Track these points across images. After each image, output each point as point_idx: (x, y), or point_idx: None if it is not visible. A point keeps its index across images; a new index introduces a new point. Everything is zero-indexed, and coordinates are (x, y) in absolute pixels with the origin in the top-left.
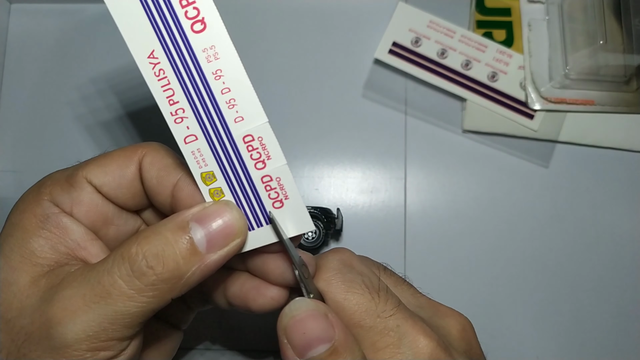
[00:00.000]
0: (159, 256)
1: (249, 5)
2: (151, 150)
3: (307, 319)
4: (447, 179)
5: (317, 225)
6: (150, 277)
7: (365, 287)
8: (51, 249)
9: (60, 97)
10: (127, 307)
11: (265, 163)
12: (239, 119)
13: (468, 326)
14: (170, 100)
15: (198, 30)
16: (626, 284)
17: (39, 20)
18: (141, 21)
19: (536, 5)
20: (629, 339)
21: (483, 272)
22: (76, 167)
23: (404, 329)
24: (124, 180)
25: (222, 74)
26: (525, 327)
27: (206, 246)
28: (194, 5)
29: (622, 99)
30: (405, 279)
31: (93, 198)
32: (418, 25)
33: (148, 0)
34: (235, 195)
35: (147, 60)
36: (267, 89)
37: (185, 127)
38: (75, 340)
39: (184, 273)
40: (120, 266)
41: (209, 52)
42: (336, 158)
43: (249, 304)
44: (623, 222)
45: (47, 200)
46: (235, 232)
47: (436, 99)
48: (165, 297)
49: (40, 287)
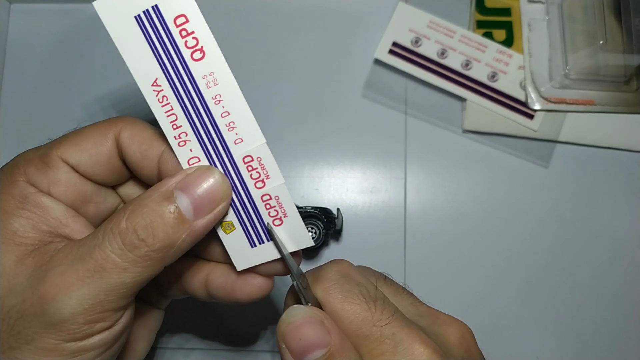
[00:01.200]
0: (149, 228)
1: (249, 5)
2: (127, 124)
3: (303, 325)
4: (447, 179)
5: (317, 225)
6: (143, 249)
7: (362, 296)
8: (33, 228)
9: (60, 97)
10: (122, 278)
11: (265, 182)
12: (239, 141)
13: (467, 333)
14: (173, 124)
15: (197, 58)
16: (626, 284)
17: (39, 20)
18: (145, 52)
19: (536, 5)
20: (629, 339)
21: (483, 272)
22: (49, 145)
23: (400, 336)
24: (101, 157)
25: (222, 98)
26: (525, 327)
27: (193, 213)
28: (193, 35)
29: (622, 99)
30: (405, 288)
31: (70, 177)
32: (418, 25)
33: (150, 33)
34: (237, 214)
35: (151, 88)
36: (267, 89)
37: (189, 150)
38: (71, 314)
39: (175, 241)
40: (111, 241)
41: (208, 78)
42: (336, 158)
43: (235, 294)
44: (623, 222)
45: (22, 181)
46: (221, 196)
47: (436, 99)
48: (158, 265)
49: (27, 266)
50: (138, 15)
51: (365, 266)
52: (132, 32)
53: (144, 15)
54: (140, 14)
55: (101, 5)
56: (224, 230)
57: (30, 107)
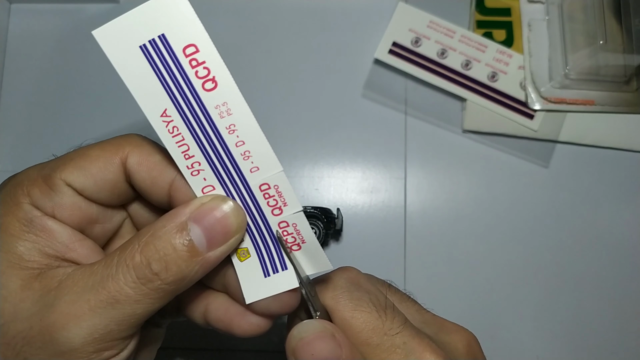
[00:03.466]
0: (162, 261)
1: (250, 5)
2: (134, 148)
3: (315, 340)
4: (447, 179)
5: (317, 225)
6: (156, 283)
7: (372, 305)
8: (39, 252)
9: (60, 97)
10: (134, 309)
11: (282, 209)
12: (255, 169)
13: (473, 342)
14: (185, 154)
15: (209, 88)
16: (626, 284)
17: (39, 20)
18: (152, 83)
19: (536, 5)
20: (629, 339)
21: (483, 272)
22: (52, 166)
23: (411, 346)
24: (106, 183)
25: (236, 128)
26: (525, 327)
27: (207, 245)
28: (204, 65)
29: (622, 99)
30: (409, 296)
31: (75, 201)
32: (418, 25)
33: (158, 63)
34: (253, 241)
35: (160, 119)
36: (267, 89)
37: (202, 179)
38: (82, 343)
39: (187, 274)
40: (125, 274)
41: (221, 108)
42: (336, 158)
43: (233, 328)
44: (623, 221)
45: (27, 204)
46: (235, 228)
47: (436, 99)
48: (169, 296)
49: (34, 291)
50: (144, 45)
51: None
52: (137, 62)
53: (150, 44)
54: (146, 44)
55: (102, 35)
56: (239, 258)
57: (30, 107)
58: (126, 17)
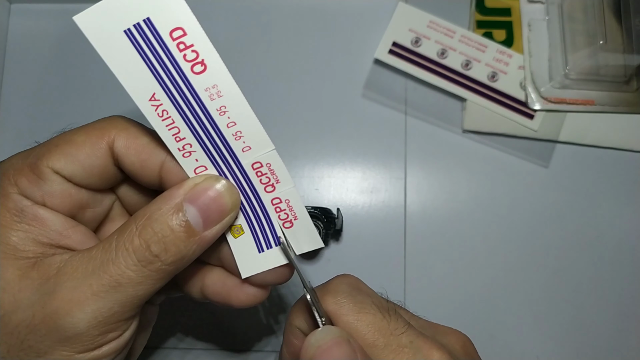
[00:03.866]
0: (161, 243)
1: (249, 5)
2: (120, 132)
3: (332, 347)
4: (447, 179)
5: (317, 225)
6: (157, 264)
7: (375, 307)
8: (33, 241)
9: (60, 97)
10: (137, 291)
11: (275, 187)
12: (247, 149)
13: (468, 343)
14: (176, 137)
15: (199, 71)
16: (626, 284)
17: (39, 20)
18: (139, 67)
19: (536, 5)
20: (629, 339)
21: (483, 272)
22: (37, 154)
23: (417, 344)
24: (95, 169)
25: (227, 109)
26: (525, 327)
27: (202, 225)
28: (192, 48)
29: (622, 99)
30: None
31: (64, 188)
32: (418, 25)
33: (144, 47)
34: (246, 218)
35: (149, 103)
36: (267, 88)
37: (194, 160)
38: (87, 327)
39: (186, 254)
40: (126, 257)
41: (211, 90)
42: (336, 158)
43: (231, 300)
44: (623, 221)
45: (15, 194)
46: (230, 207)
47: (436, 99)
48: (170, 276)
49: (33, 280)
50: (128, 29)
51: None
52: (122, 47)
53: (134, 29)
54: (131, 28)
55: (83, 21)
56: (233, 234)
57: (30, 107)
58: (108, 1)
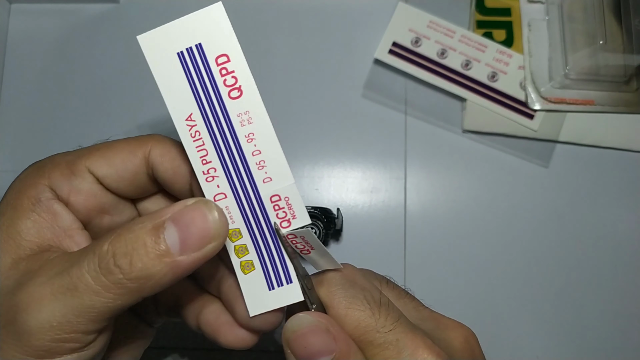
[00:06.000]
0: (128, 255)
1: (249, 5)
2: (158, 143)
3: (307, 334)
4: (447, 179)
5: (317, 225)
6: (117, 275)
7: (366, 302)
8: (37, 232)
9: (60, 97)
10: (93, 301)
11: (291, 222)
12: (268, 180)
13: (471, 337)
14: (203, 160)
15: (235, 96)
16: (626, 284)
17: (39, 20)
18: (183, 87)
19: (536, 5)
20: (629, 339)
21: (483, 272)
22: (78, 153)
23: (404, 342)
24: (127, 173)
25: (254, 137)
26: (525, 327)
27: (179, 248)
28: (232, 74)
29: (622, 99)
30: (407, 292)
31: (92, 188)
32: (418, 25)
33: (191, 69)
34: (259, 253)
35: (185, 122)
36: (267, 88)
37: (216, 186)
38: (38, 328)
39: (153, 274)
40: (89, 261)
41: (243, 117)
42: (336, 158)
43: (219, 337)
44: (623, 222)
45: (43, 184)
46: (212, 235)
47: (436, 99)
48: (132, 295)
49: (19, 270)
50: (181, 52)
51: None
52: (172, 67)
53: (187, 52)
54: (183, 51)
55: (146, 40)
56: (243, 271)
57: (30, 107)
58: (171, 25)
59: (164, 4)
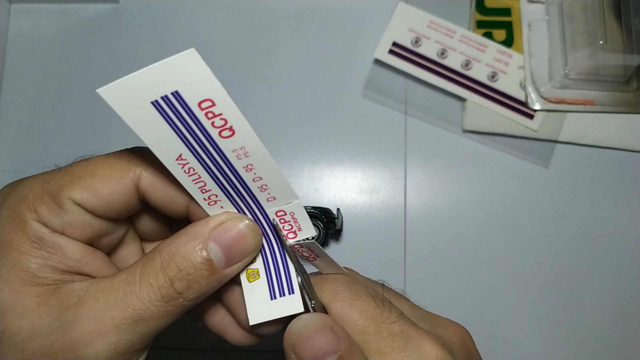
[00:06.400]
0: (184, 280)
1: (249, 6)
2: (147, 167)
3: (315, 335)
4: (447, 179)
5: (317, 225)
6: (179, 300)
7: (370, 296)
8: (52, 269)
9: (60, 97)
10: (157, 324)
11: (297, 234)
12: (272, 199)
13: (466, 335)
14: (202, 189)
15: (227, 135)
16: (626, 284)
17: (39, 20)
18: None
19: (536, 5)
20: (629, 339)
21: (483, 272)
22: (59, 182)
23: (409, 333)
24: (117, 203)
25: (253, 167)
26: (525, 327)
27: (225, 263)
28: (220, 117)
29: (622, 99)
30: (402, 295)
31: (85, 219)
32: (418, 25)
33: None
34: (265, 263)
35: (176, 162)
36: (267, 89)
37: (220, 207)
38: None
39: (207, 291)
40: (150, 293)
41: (239, 152)
42: (336, 158)
43: (226, 336)
44: (623, 221)
45: (34, 221)
46: (252, 248)
47: (436, 99)
48: (187, 310)
49: (52, 307)
50: (156, 101)
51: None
52: (149, 116)
53: (162, 100)
54: (159, 100)
55: (108, 93)
56: (248, 279)
57: (30, 107)
58: (133, 77)
59: (164, 4)
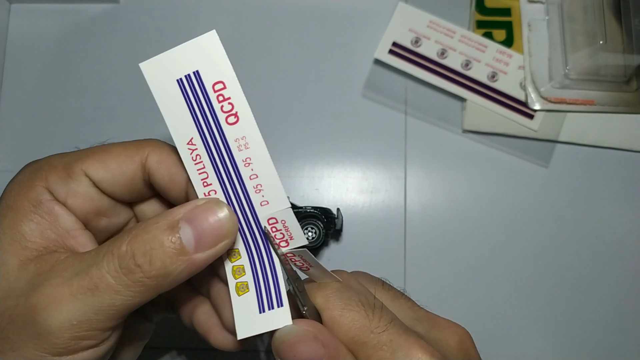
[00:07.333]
0: (147, 254)
1: (249, 5)
2: (155, 149)
3: (296, 344)
4: (447, 179)
5: (317, 225)
6: (137, 275)
7: (361, 304)
8: (41, 234)
9: (60, 97)
10: (113, 300)
11: (289, 242)
12: (265, 203)
13: (466, 337)
14: (204, 182)
15: (232, 122)
16: (626, 284)
17: (39, 20)
18: (183, 113)
19: (536, 5)
20: (629, 339)
21: (483, 272)
22: (75, 156)
23: (398, 343)
24: (123, 178)
25: (251, 161)
26: (525, 327)
27: (194, 246)
28: (229, 101)
29: (622, 99)
30: (403, 293)
31: (89, 191)
32: (418, 25)
33: (190, 95)
34: (255, 276)
35: (187, 146)
36: (267, 88)
37: None
38: (58, 328)
39: (171, 271)
40: (109, 262)
41: (240, 142)
42: (336, 158)
43: (209, 337)
44: (623, 222)
45: (41, 186)
46: (225, 233)
47: (436, 99)
48: (151, 292)
49: (29, 271)
50: (180, 78)
51: (363, 272)
52: (173, 93)
53: (185, 79)
54: (182, 78)
55: (147, 67)
56: (237, 292)
57: (30, 107)
58: (170, 53)
59: (164, 4)
